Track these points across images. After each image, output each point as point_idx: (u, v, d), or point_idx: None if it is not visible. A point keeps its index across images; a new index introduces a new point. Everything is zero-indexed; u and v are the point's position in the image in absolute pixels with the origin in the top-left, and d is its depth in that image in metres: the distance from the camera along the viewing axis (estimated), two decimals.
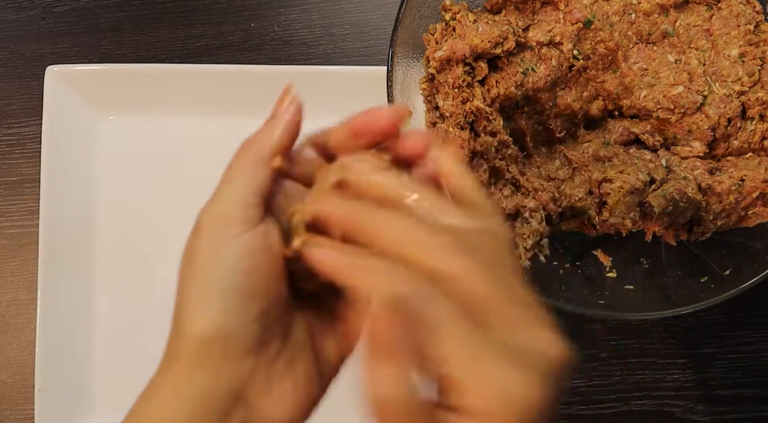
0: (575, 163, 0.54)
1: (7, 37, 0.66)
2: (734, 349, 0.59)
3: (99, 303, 0.60)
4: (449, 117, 0.50)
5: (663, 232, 0.54)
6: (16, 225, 0.63)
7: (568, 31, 0.52)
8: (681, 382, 0.59)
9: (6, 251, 0.62)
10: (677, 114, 0.53)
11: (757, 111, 0.52)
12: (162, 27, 0.66)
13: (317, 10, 0.66)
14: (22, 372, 0.60)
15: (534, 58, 0.52)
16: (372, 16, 0.65)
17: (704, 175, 0.52)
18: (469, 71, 0.51)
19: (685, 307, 0.47)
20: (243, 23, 0.66)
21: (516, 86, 0.52)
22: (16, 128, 0.64)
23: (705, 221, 0.52)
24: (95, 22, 0.66)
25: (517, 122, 0.54)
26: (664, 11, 0.54)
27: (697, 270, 0.51)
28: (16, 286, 0.62)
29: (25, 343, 0.61)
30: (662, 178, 0.52)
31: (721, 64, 0.52)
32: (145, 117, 0.62)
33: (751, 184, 0.51)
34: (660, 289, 0.51)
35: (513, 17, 0.54)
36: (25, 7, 0.67)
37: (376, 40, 0.65)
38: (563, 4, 0.53)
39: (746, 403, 0.59)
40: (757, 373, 0.59)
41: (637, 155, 0.54)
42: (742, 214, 0.52)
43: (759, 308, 0.60)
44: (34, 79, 0.64)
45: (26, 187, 0.63)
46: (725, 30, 0.53)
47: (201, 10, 0.66)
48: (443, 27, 0.52)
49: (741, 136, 0.53)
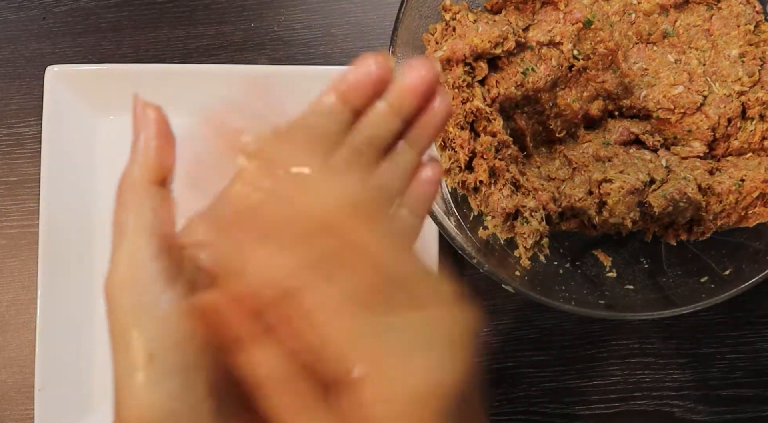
0: (575, 163, 0.54)
1: (7, 37, 0.66)
2: (734, 349, 0.59)
3: (99, 303, 0.60)
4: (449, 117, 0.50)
5: (663, 232, 0.54)
6: (16, 225, 0.63)
7: (568, 31, 0.52)
8: (681, 382, 0.59)
9: (6, 251, 0.62)
10: (677, 114, 0.53)
11: (757, 111, 0.52)
12: (162, 27, 0.66)
13: (317, 10, 0.66)
14: (22, 372, 0.60)
15: (534, 58, 0.52)
16: (372, 16, 0.65)
17: (704, 175, 0.52)
18: (469, 71, 0.51)
19: (685, 307, 0.47)
20: (243, 23, 0.66)
21: (516, 86, 0.52)
22: (16, 128, 0.64)
23: (705, 221, 0.52)
24: (95, 22, 0.66)
25: (517, 122, 0.54)
26: (664, 11, 0.54)
27: (697, 270, 0.51)
28: (16, 286, 0.62)
29: (25, 343, 0.61)
30: (662, 178, 0.52)
31: (721, 64, 0.52)
32: None
33: (751, 184, 0.51)
34: (660, 289, 0.51)
35: (513, 17, 0.54)
36: (25, 7, 0.67)
37: (376, 40, 0.65)
38: (563, 4, 0.53)
39: (746, 403, 0.59)
40: (757, 373, 0.59)
41: (637, 155, 0.54)
42: (742, 214, 0.52)
43: (759, 308, 0.60)
44: (34, 79, 0.64)
45: (26, 187, 0.63)
46: (725, 30, 0.53)
47: (201, 10, 0.66)
48: (443, 27, 0.52)
49: (741, 136, 0.53)
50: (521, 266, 0.51)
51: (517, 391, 0.59)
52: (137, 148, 0.28)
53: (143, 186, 0.27)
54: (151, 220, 0.26)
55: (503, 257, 0.51)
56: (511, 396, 0.59)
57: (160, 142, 0.28)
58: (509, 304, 0.60)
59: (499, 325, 0.60)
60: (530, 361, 0.60)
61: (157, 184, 0.27)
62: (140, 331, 0.25)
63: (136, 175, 0.27)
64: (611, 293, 0.51)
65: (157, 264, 0.26)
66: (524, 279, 0.50)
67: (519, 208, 0.51)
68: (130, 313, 0.25)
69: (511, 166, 0.52)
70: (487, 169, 0.51)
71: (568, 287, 0.51)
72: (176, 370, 0.24)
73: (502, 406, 0.59)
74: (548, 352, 0.60)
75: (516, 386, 0.59)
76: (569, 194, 0.53)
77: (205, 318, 0.25)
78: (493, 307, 0.60)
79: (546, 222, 0.51)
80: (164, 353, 0.24)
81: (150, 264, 0.26)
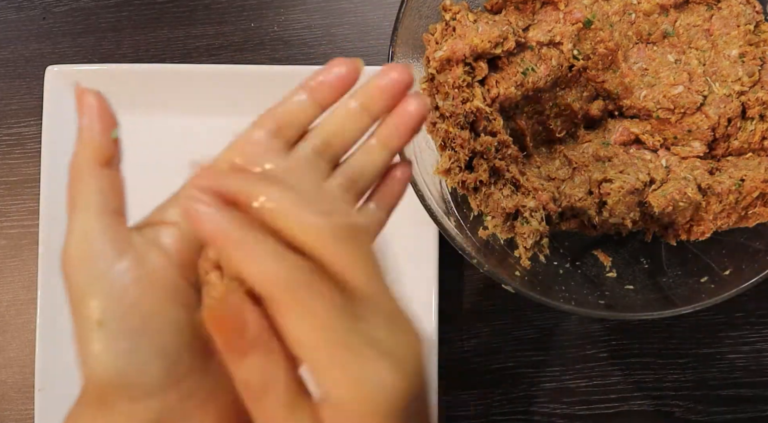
0: (575, 163, 0.54)
1: (7, 37, 0.66)
2: (734, 349, 0.59)
3: None
4: (449, 117, 0.50)
5: (663, 232, 0.54)
6: (16, 225, 0.63)
7: (568, 31, 0.52)
8: (681, 382, 0.59)
9: (6, 251, 0.62)
10: (677, 114, 0.53)
11: (757, 111, 0.52)
12: (162, 27, 0.66)
13: (317, 10, 0.66)
14: (22, 372, 0.60)
15: (534, 58, 0.52)
16: (372, 16, 0.65)
17: (704, 175, 0.52)
18: (469, 71, 0.51)
19: (685, 307, 0.47)
20: (243, 23, 0.66)
21: (516, 86, 0.52)
22: (16, 128, 0.65)
23: (705, 221, 0.53)
24: (95, 22, 0.66)
25: (517, 122, 0.54)
26: (664, 11, 0.54)
27: (697, 270, 0.51)
28: (16, 286, 0.62)
29: (25, 343, 0.61)
30: (662, 178, 0.52)
31: (721, 64, 0.52)
32: (145, 117, 0.62)
33: (751, 184, 0.51)
34: (660, 289, 0.51)
35: (513, 17, 0.54)
36: (25, 7, 0.67)
37: (376, 40, 0.65)
38: (563, 4, 0.53)
39: (746, 403, 0.59)
40: (757, 373, 0.59)
41: (637, 155, 0.54)
42: (742, 214, 0.52)
43: (759, 308, 0.60)
44: (34, 79, 0.64)
45: (26, 187, 0.63)
46: (725, 30, 0.53)
47: (201, 10, 0.66)
48: (443, 27, 0.52)
49: (741, 136, 0.53)
50: (521, 266, 0.51)
51: (517, 391, 0.59)
52: (81, 132, 0.29)
53: (89, 167, 0.29)
54: (98, 199, 0.29)
55: (503, 257, 0.51)
56: (511, 396, 0.59)
57: (102, 126, 0.29)
58: (509, 304, 0.60)
59: (499, 325, 0.60)
60: (530, 361, 0.60)
61: (102, 165, 0.29)
62: (91, 301, 0.27)
63: (82, 157, 0.29)
64: (611, 293, 0.51)
65: (104, 238, 0.28)
66: (524, 279, 0.50)
67: (519, 208, 0.51)
68: (82, 284, 0.28)
69: (511, 166, 0.52)
70: (487, 169, 0.51)
71: (568, 287, 0.51)
72: (123, 334, 0.27)
73: (502, 406, 0.59)
74: (548, 352, 0.60)
75: (516, 386, 0.59)
76: (569, 194, 0.53)
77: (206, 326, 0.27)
78: (493, 307, 0.60)
79: (546, 222, 0.51)
80: (113, 320, 0.27)
81: (98, 239, 0.28)
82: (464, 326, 0.60)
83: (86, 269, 0.28)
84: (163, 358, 0.28)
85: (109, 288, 0.27)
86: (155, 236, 0.30)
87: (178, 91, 0.61)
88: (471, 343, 0.60)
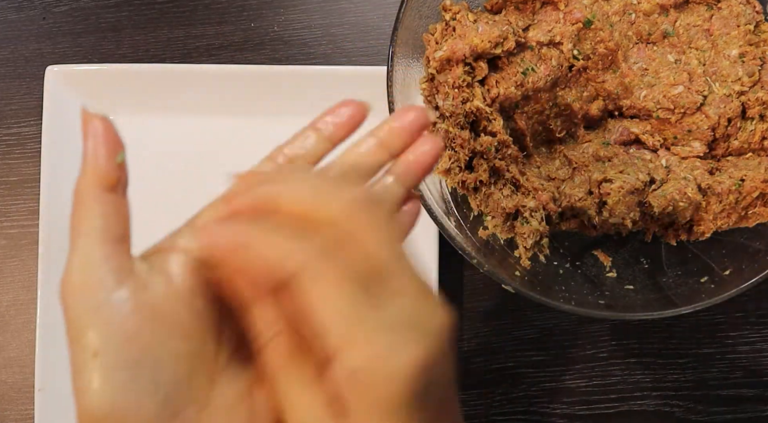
0: (575, 163, 0.54)
1: (7, 37, 0.66)
2: (734, 349, 0.59)
3: None
4: (449, 117, 0.50)
5: (663, 232, 0.54)
6: (16, 225, 0.63)
7: (568, 31, 0.52)
8: (681, 382, 0.59)
9: (6, 251, 0.62)
10: (677, 114, 0.53)
11: (757, 111, 0.52)
12: (162, 27, 0.66)
13: (317, 10, 0.66)
14: (22, 372, 0.60)
15: (534, 58, 0.52)
16: (372, 16, 0.65)
17: (704, 175, 0.52)
18: (469, 71, 0.51)
19: (685, 307, 0.47)
20: (243, 23, 0.66)
21: (516, 86, 0.52)
22: (16, 128, 0.65)
23: (705, 221, 0.53)
24: (95, 22, 0.66)
25: (517, 122, 0.54)
26: (664, 11, 0.54)
27: (697, 270, 0.51)
28: (16, 286, 0.62)
29: (25, 343, 0.61)
30: (662, 178, 0.52)
31: (721, 64, 0.52)
32: (145, 117, 0.62)
33: (751, 184, 0.51)
34: (660, 289, 0.51)
35: (513, 17, 0.54)
36: (25, 7, 0.67)
37: (376, 40, 0.65)
38: (563, 4, 0.53)
39: (746, 403, 0.59)
40: (757, 373, 0.59)
41: (637, 155, 0.54)
42: (742, 214, 0.52)
43: (759, 308, 0.60)
44: (34, 79, 0.64)
45: (26, 187, 0.63)
46: (725, 30, 0.53)
47: (201, 10, 0.66)
48: (443, 27, 0.52)
49: (741, 136, 0.53)
50: (521, 266, 0.51)
51: (517, 391, 0.59)
52: (85, 157, 0.29)
53: (93, 193, 0.28)
54: (101, 225, 0.28)
55: (503, 257, 0.51)
56: (511, 396, 0.59)
57: (107, 150, 0.29)
58: (509, 304, 0.60)
59: (499, 325, 0.60)
60: (530, 361, 0.60)
61: (107, 191, 0.29)
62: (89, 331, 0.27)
63: (85, 182, 0.29)
64: (611, 293, 0.51)
65: (105, 267, 0.27)
66: (524, 279, 0.50)
67: (519, 208, 0.51)
68: (81, 314, 0.27)
69: (511, 166, 0.52)
70: (487, 169, 0.51)
71: (568, 287, 0.51)
72: (121, 366, 0.27)
73: (502, 406, 0.59)
74: (548, 352, 0.60)
75: (516, 386, 0.59)
76: (569, 194, 0.53)
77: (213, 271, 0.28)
78: (493, 307, 0.60)
79: (546, 222, 0.51)
80: (110, 351, 0.27)
81: (99, 268, 0.27)
82: (464, 326, 0.60)
83: (85, 299, 0.27)
84: (161, 391, 0.27)
85: (108, 318, 0.27)
86: (162, 263, 0.29)
87: (178, 91, 0.61)
88: (471, 343, 0.60)
